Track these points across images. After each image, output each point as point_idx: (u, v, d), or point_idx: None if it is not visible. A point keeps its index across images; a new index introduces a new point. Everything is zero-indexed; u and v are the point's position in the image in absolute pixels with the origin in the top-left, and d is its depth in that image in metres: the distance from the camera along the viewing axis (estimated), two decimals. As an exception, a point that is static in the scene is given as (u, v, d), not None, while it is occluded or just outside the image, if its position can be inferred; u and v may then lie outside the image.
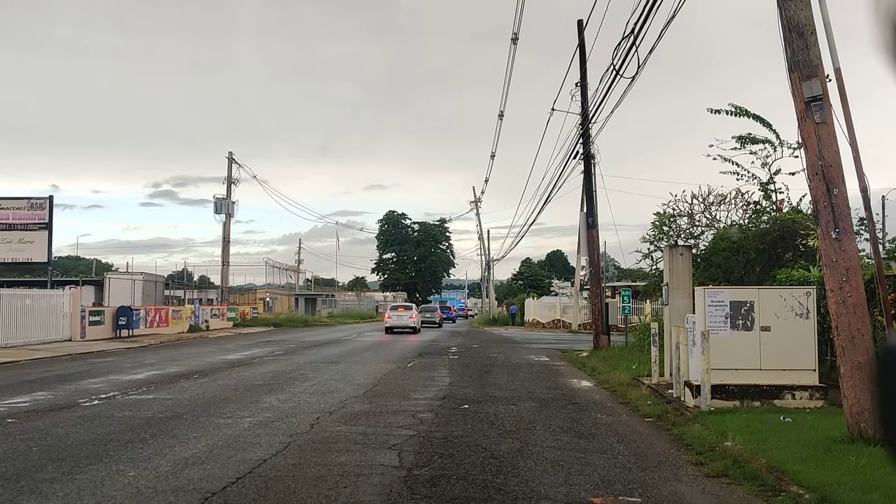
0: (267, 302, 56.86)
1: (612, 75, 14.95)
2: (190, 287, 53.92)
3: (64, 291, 25.83)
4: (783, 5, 7.33)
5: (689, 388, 9.89)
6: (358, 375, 14.05)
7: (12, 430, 8.09)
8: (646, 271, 20.48)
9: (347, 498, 5.36)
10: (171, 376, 13.93)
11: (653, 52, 13.14)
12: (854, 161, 7.32)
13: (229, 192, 40.57)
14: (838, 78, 7.45)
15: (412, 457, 6.78)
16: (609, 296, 29.50)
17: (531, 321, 45.93)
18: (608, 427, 8.75)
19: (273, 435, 7.83)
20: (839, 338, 7.17)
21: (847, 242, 7.12)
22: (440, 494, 5.49)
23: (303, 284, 73.27)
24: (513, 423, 8.84)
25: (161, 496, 5.41)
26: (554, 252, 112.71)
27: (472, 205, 66.75)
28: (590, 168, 20.91)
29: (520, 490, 5.64)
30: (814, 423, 7.90)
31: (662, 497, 5.57)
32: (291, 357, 18.86)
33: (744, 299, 9.64)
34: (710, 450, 7.00)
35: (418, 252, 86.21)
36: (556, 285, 75.85)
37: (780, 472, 5.99)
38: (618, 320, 23.20)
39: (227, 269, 42.16)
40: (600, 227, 21.44)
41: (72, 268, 67.89)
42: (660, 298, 15.20)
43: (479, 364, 17.37)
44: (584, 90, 20.68)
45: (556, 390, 12.51)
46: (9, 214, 31.08)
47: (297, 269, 71.15)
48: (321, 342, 25.83)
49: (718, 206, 17.60)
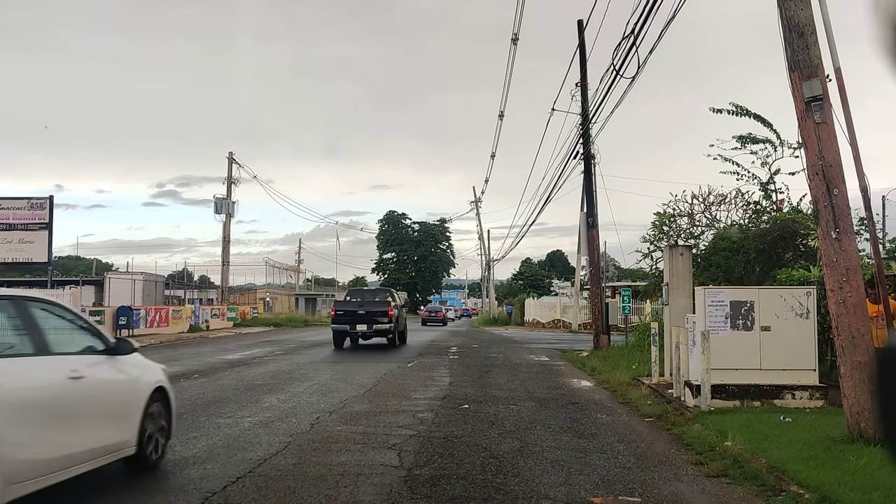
0: (267, 302, 56.87)
1: (612, 75, 14.96)
2: (190, 287, 53.90)
3: (64, 291, 25.86)
4: (783, 5, 7.33)
5: (689, 387, 9.89)
6: (358, 375, 14.05)
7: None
8: (646, 271, 20.47)
9: (347, 498, 5.37)
10: (171, 376, 13.87)
11: (653, 52, 13.16)
12: (854, 161, 7.32)
13: (229, 192, 40.60)
14: (838, 78, 7.45)
15: (412, 456, 6.79)
16: (609, 296, 29.49)
17: (531, 321, 45.94)
18: (608, 427, 8.76)
19: (273, 434, 7.83)
20: (839, 338, 7.17)
21: (847, 242, 7.12)
22: (440, 494, 5.49)
23: (303, 284, 73.32)
24: (513, 423, 8.85)
25: (161, 496, 5.42)
26: (554, 252, 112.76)
27: (472, 205, 66.82)
28: (590, 168, 20.91)
29: (520, 490, 5.64)
30: (814, 423, 7.90)
31: (662, 497, 5.57)
32: (291, 357, 18.86)
33: (744, 299, 9.65)
34: (710, 450, 7.00)
35: (418, 252, 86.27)
36: (557, 285, 75.90)
37: (780, 471, 5.99)
38: (618, 320, 23.18)
39: (227, 269, 42.19)
40: (600, 227, 21.46)
41: (72, 268, 67.91)
42: (660, 298, 15.20)
43: (479, 364, 17.37)
44: (585, 90, 20.68)
45: (556, 390, 12.51)
46: (9, 214, 31.08)
47: (298, 269, 71.19)
48: (321, 342, 25.81)
49: (718, 206, 17.60)
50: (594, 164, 20.87)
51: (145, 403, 6.09)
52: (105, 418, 5.54)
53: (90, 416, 5.34)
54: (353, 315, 21.76)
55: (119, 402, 5.83)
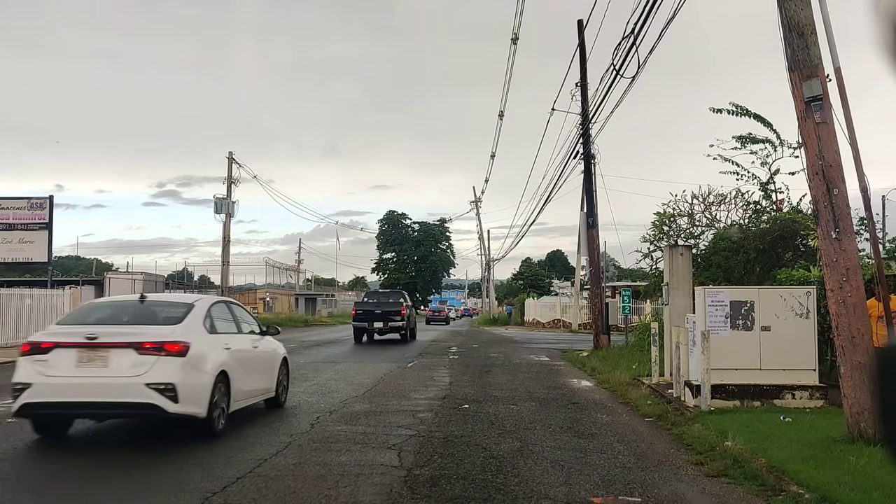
0: (267, 302, 56.86)
1: (613, 75, 14.96)
2: (190, 287, 53.90)
3: (64, 291, 25.81)
4: (783, 5, 7.33)
5: (689, 387, 9.89)
6: (358, 375, 14.05)
7: (12, 430, 8.09)
8: (646, 271, 20.47)
9: (347, 497, 5.36)
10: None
11: (653, 52, 13.15)
12: (854, 161, 7.31)
13: (229, 192, 40.52)
14: (838, 78, 7.45)
15: (412, 456, 6.79)
16: (609, 295, 29.49)
17: (531, 321, 45.93)
18: (608, 427, 8.75)
19: (273, 434, 7.83)
20: (839, 338, 7.17)
21: (847, 242, 7.12)
22: (440, 494, 5.49)
23: (303, 284, 73.28)
24: (513, 423, 8.85)
25: (161, 496, 5.42)
26: (554, 252, 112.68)
27: (472, 205, 66.78)
28: (590, 168, 20.91)
29: (520, 490, 5.64)
30: (814, 423, 7.90)
31: (662, 497, 5.57)
32: (292, 357, 18.63)
33: (744, 299, 9.64)
34: (710, 449, 7.00)
35: (418, 252, 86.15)
36: (557, 285, 75.90)
37: (780, 471, 5.99)
38: (618, 320, 23.17)
39: (227, 268, 42.12)
40: (600, 227, 21.46)
41: (72, 267, 67.89)
42: (660, 298, 15.20)
43: (479, 364, 17.36)
44: (585, 90, 20.67)
45: (556, 390, 12.51)
46: (9, 214, 31.05)
47: (298, 268, 71.17)
48: (321, 342, 25.81)
49: (718, 206, 17.61)
50: (594, 164, 20.87)
51: (279, 366, 9.74)
52: (264, 372, 9.21)
53: (260, 370, 9.04)
54: (371, 314, 25.14)
55: (269, 363, 9.45)
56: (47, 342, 7.12)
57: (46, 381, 6.87)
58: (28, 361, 7.05)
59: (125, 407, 7.03)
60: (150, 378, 6.82)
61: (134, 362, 6.88)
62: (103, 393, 6.85)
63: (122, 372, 6.87)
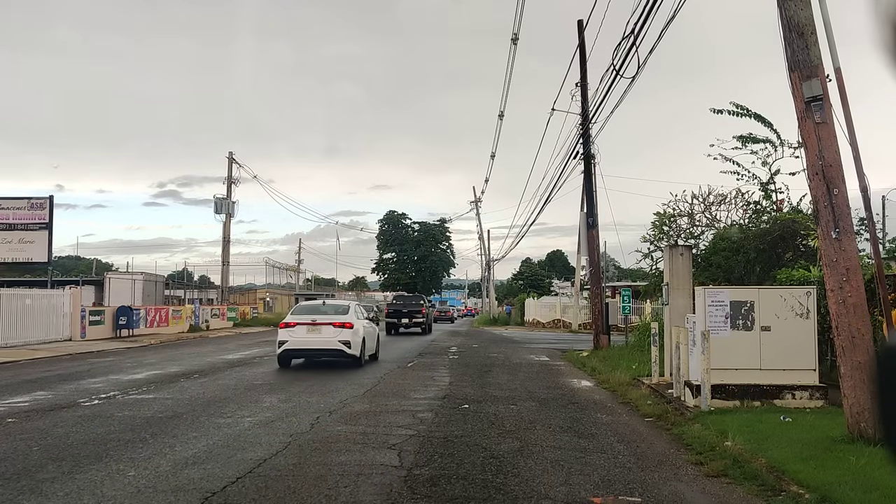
0: (267, 302, 56.89)
1: (613, 75, 14.95)
2: (190, 287, 53.91)
3: (64, 291, 25.82)
4: (783, 5, 7.33)
5: (689, 387, 9.89)
6: (358, 375, 14.05)
7: (13, 430, 8.10)
8: (646, 271, 20.48)
9: (347, 497, 5.36)
10: (171, 376, 13.94)
11: (653, 52, 13.15)
12: (854, 161, 7.32)
13: (229, 192, 40.58)
14: (838, 78, 7.45)
15: (412, 456, 6.79)
16: (609, 296, 29.48)
17: (531, 321, 45.90)
18: (608, 427, 8.75)
19: (273, 434, 7.83)
20: (839, 338, 7.17)
21: (847, 242, 7.12)
22: (440, 494, 5.49)
23: (303, 284, 73.30)
24: (513, 423, 8.85)
25: (161, 496, 5.42)
26: (554, 252, 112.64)
27: (472, 205, 66.79)
28: (590, 168, 20.91)
29: (520, 490, 5.64)
30: (814, 423, 7.90)
31: (662, 497, 5.57)
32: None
33: (744, 299, 9.64)
34: (710, 449, 7.00)
35: (418, 252, 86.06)
36: (557, 285, 75.81)
37: (780, 471, 5.99)
38: (618, 320, 23.17)
39: (227, 269, 42.18)
40: (600, 227, 21.45)
41: (72, 267, 67.90)
42: (660, 298, 15.20)
43: (479, 364, 17.37)
44: (585, 90, 20.68)
45: (556, 390, 12.51)
46: (9, 214, 31.05)
47: (298, 269, 71.17)
48: (321, 342, 25.84)
49: (718, 206, 17.62)
50: (594, 164, 20.87)
51: (377, 340, 17.75)
52: (373, 340, 17.28)
53: (372, 338, 17.04)
54: (399, 312, 33.47)
55: (375, 336, 17.73)
56: (293, 322, 15.39)
57: (293, 339, 15.14)
58: (285, 331, 15.29)
59: (329, 353, 15.32)
60: (340, 338, 15.02)
61: (333, 332, 15.08)
62: (320, 344, 15.17)
63: (329, 336, 15.07)
